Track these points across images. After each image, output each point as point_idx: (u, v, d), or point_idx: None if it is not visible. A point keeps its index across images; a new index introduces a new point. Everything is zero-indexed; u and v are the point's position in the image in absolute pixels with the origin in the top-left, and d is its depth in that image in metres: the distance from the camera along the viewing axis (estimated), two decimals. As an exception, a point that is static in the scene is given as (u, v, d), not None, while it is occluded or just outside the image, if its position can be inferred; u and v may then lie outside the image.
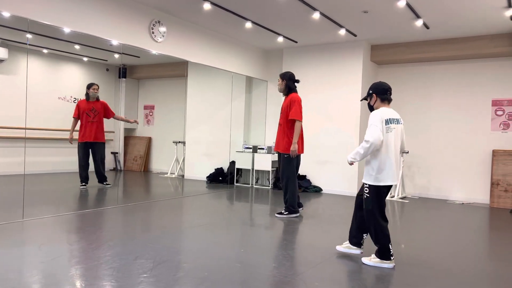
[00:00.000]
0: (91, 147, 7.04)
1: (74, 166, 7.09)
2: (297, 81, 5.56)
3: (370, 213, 3.48)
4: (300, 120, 5.34)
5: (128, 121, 7.66)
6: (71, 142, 6.82)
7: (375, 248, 3.56)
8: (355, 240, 3.73)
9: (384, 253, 3.46)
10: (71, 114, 7.03)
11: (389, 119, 3.46)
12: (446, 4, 5.64)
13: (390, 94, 3.61)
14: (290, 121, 5.40)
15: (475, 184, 7.44)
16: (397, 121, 3.53)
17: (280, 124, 5.53)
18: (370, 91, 3.64)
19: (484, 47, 7.05)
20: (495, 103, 7.33)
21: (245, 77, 8.83)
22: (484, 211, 6.57)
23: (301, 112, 5.37)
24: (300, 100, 5.44)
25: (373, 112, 3.52)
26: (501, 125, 7.27)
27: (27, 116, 5.39)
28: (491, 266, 3.66)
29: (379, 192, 3.47)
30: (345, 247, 3.79)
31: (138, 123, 7.56)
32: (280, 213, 5.52)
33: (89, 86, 6.99)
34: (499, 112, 7.29)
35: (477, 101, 7.47)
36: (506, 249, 4.27)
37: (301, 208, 5.69)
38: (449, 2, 5.55)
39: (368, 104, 3.70)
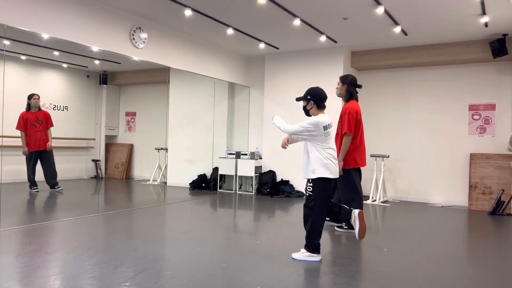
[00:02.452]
0: (39, 156, 7.08)
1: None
2: (359, 86, 5.01)
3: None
4: (349, 134, 4.82)
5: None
6: (25, 154, 6.81)
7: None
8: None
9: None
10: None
11: (327, 125, 3.71)
12: (423, 11, 5.77)
13: (325, 101, 3.81)
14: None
15: (454, 187, 7.59)
16: (330, 126, 3.76)
17: (337, 134, 5.00)
18: (308, 97, 3.77)
19: (461, 53, 7.23)
20: (472, 107, 7.51)
21: (228, 83, 8.84)
22: (463, 213, 6.69)
23: (350, 124, 4.81)
24: (352, 110, 4.84)
25: (314, 117, 3.72)
26: (478, 129, 7.44)
27: (4, 124, 5.27)
28: (471, 268, 3.73)
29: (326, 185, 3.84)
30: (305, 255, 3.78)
31: (50, 149, 7.34)
32: (340, 227, 5.11)
33: (30, 97, 7.02)
34: (476, 117, 7.47)
35: (455, 105, 7.64)
36: (485, 251, 4.36)
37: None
38: (426, 9, 5.68)
39: (304, 107, 3.85)
